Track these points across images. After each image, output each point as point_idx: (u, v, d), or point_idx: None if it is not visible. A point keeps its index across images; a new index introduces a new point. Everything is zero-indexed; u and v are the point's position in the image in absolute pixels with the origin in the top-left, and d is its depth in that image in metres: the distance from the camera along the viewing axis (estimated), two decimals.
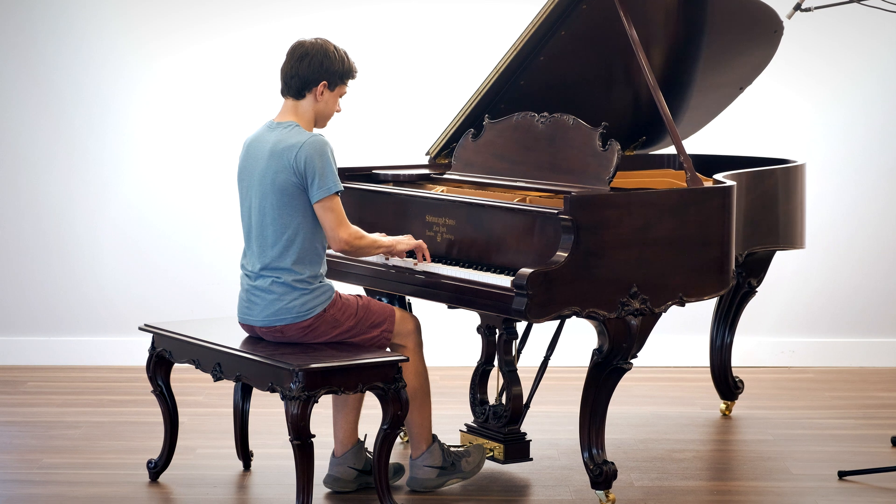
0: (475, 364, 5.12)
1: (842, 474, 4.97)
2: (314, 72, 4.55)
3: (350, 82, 4.63)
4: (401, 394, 4.46)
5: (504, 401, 4.95)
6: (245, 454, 5.06)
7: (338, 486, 4.79)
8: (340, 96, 4.62)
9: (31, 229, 6.79)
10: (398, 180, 5.25)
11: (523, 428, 4.97)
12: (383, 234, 4.80)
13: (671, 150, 5.73)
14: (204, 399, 6.06)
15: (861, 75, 6.79)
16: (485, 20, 6.70)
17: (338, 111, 4.65)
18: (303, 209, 4.52)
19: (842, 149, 6.83)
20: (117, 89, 6.75)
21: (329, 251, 4.94)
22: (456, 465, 4.81)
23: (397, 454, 5.17)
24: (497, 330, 4.95)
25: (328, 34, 4.67)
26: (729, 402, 5.87)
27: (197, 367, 4.71)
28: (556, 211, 4.42)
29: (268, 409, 5.64)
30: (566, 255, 4.34)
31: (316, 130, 4.66)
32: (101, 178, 6.77)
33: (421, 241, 4.75)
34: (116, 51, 6.72)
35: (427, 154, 5.40)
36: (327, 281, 4.61)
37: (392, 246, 4.68)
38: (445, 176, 5.17)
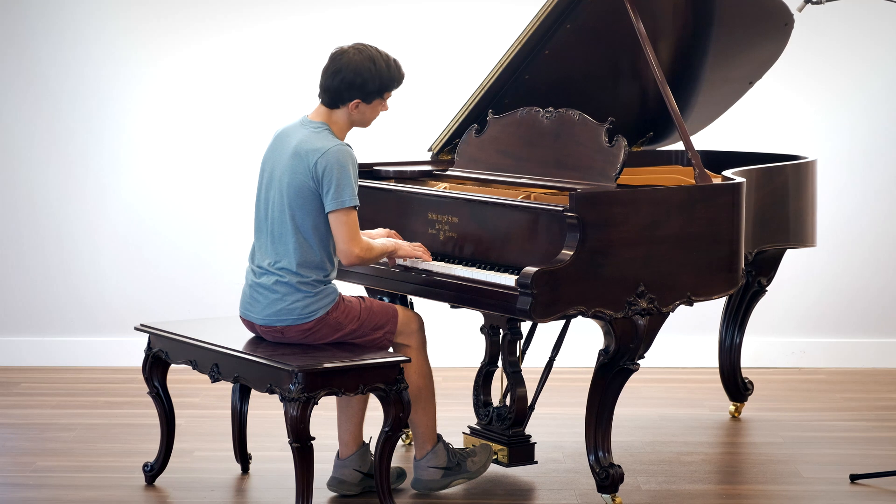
0: (478, 365, 5.07)
1: (854, 477, 4.93)
2: (346, 90, 4.45)
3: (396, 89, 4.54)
4: (402, 395, 4.40)
5: (508, 402, 4.91)
6: (243, 457, 5.01)
7: (342, 489, 4.73)
8: (384, 100, 4.52)
9: (27, 228, 6.75)
10: (400, 177, 5.20)
11: (528, 430, 4.92)
12: (385, 233, 4.73)
13: (679, 146, 5.69)
14: (201, 401, 6.02)
15: (866, 75, 6.76)
16: (488, 14, 6.67)
17: (384, 109, 4.55)
18: (317, 212, 4.45)
19: (847, 147, 6.77)
20: (116, 89, 6.71)
21: None
22: (461, 466, 4.75)
23: (399, 457, 5.12)
24: (501, 330, 4.91)
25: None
26: (738, 404, 5.82)
27: (194, 368, 4.67)
28: (561, 208, 4.37)
29: (267, 411, 5.60)
30: (572, 253, 4.30)
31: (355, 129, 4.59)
32: (98, 177, 6.74)
33: (416, 248, 4.67)
34: (115, 50, 6.69)
35: (429, 150, 5.35)
36: (332, 284, 4.54)
37: (395, 249, 4.63)
38: (448, 172, 5.12)
